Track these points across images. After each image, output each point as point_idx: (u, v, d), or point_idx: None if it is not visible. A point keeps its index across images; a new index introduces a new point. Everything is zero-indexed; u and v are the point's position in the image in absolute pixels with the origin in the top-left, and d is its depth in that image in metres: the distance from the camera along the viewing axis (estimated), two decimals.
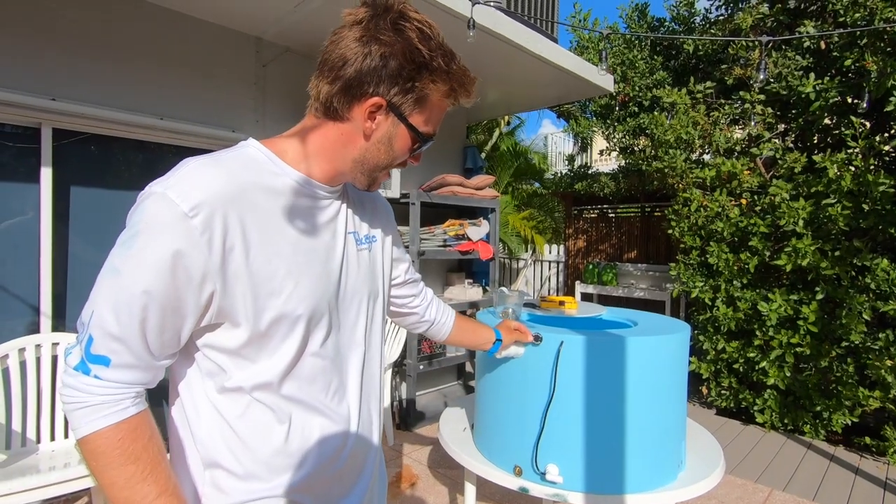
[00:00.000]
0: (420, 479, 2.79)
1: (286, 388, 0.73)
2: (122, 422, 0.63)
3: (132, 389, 0.65)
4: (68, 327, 2.47)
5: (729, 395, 3.83)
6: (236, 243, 0.66)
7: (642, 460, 1.31)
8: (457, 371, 4.32)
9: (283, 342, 0.71)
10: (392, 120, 0.72)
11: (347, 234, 0.82)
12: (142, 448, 0.63)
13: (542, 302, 1.87)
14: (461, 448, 1.54)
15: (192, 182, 0.64)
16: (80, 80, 2.41)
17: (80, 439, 0.62)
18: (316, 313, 0.74)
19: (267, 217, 0.69)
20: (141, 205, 0.64)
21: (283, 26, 2.86)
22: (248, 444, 0.72)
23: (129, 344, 0.63)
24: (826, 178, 3.20)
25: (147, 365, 0.65)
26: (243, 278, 0.67)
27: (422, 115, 0.73)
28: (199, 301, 0.65)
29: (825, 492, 2.78)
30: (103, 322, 0.62)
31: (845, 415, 3.27)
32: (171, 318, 0.64)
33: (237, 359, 0.70)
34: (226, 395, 0.71)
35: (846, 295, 3.14)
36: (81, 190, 2.55)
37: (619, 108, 5.04)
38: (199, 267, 0.63)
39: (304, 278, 0.72)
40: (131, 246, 0.62)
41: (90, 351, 0.62)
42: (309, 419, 0.75)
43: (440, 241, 3.60)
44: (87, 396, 0.62)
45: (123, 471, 0.62)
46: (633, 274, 5.74)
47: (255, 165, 0.71)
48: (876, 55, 3.09)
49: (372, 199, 0.94)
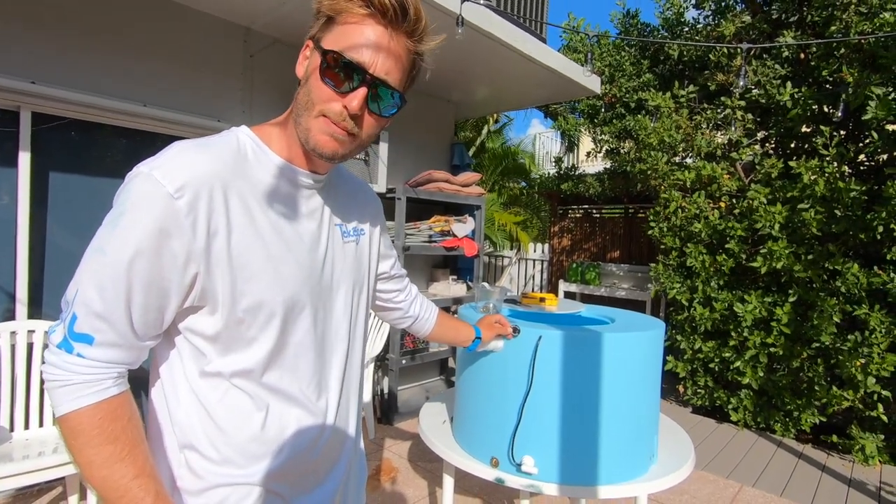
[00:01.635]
0: (400, 472, 2.81)
1: (267, 376, 0.73)
2: (102, 401, 0.63)
3: (114, 369, 0.65)
4: (45, 315, 2.43)
5: (704, 393, 3.92)
6: (220, 226, 0.66)
7: (615, 453, 1.35)
8: (439, 366, 4.34)
9: (261, 331, 0.71)
10: (312, 52, 0.71)
11: (333, 225, 0.82)
12: (121, 429, 0.63)
13: (523, 298, 1.90)
14: (440, 440, 1.57)
15: (178, 163, 0.64)
16: (62, 64, 2.37)
17: (60, 417, 0.62)
18: (297, 302, 0.74)
19: (250, 202, 0.69)
20: (127, 185, 0.64)
21: (272, 17, 2.84)
22: (224, 430, 0.72)
23: (112, 322, 0.63)
24: (801, 183, 3.29)
25: (130, 344, 0.65)
26: (224, 262, 0.66)
27: (331, 35, 0.68)
28: (182, 282, 0.65)
29: (792, 488, 2.87)
30: (87, 300, 0.62)
31: (814, 414, 3.38)
32: (156, 298, 0.64)
33: (216, 344, 0.70)
34: (205, 380, 0.71)
35: (818, 297, 3.24)
36: (61, 176, 2.51)
37: (605, 109, 5.10)
38: (184, 247, 0.63)
39: (284, 266, 0.72)
40: (116, 225, 0.62)
41: (73, 329, 0.62)
42: (287, 409, 0.75)
43: (425, 237, 3.62)
44: (69, 375, 0.62)
45: (102, 450, 0.62)
46: (616, 274, 5.83)
47: (242, 151, 0.71)
48: (852, 67, 3.19)
49: (362, 193, 0.93)
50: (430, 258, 4.16)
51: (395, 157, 3.71)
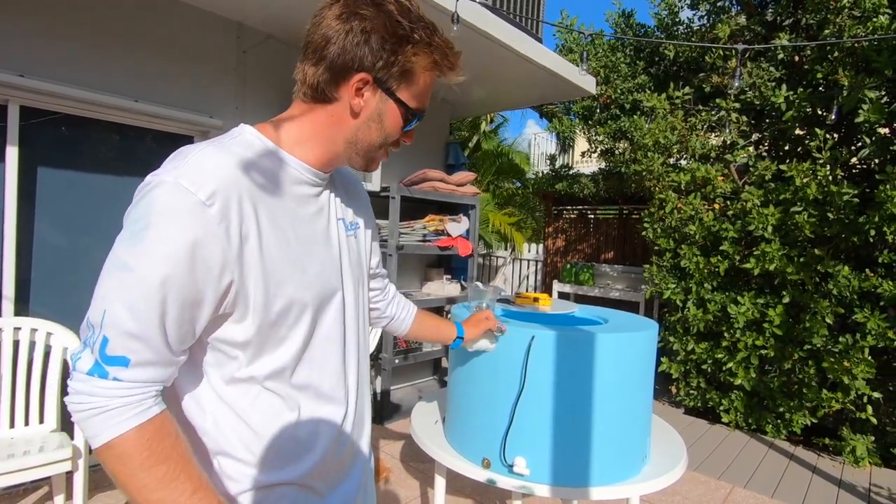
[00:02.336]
0: (392, 472, 2.80)
1: (297, 375, 0.74)
2: (146, 422, 0.60)
3: (152, 388, 0.62)
4: (32, 312, 2.40)
5: (697, 395, 3.93)
6: (251, 231, 0.65)
7: (608, 454, 1.34)
8: (432, 366, 4.33)
9: (291, 329, 0.72)
10: (380, 96, 0.72)
11: (338, 220, 0.83)
12: (170, 446, 0.61)
13: (516, 298, 1.89)
14: (432, 441, 1.55)
15: (204, 169, 0.62)
16: (52, 58, 2.34)
17: (103, 446, 0.59)
18: (323, 299, 0.75)
19: (272, 204, 0.69)
20: (149, 195, 0.61)
21: (266, 13, 2.81)
22: (258, 433, 0.71)
23: (148, 341, 0.60)
24: (793, 186, 3.31)
25: (167, 361, 0.63)
26: (257, 267, 0.66)
27: (409, 89, 0.73)
28: (217, 291, 0.64)
29: (783, 489, 2.89)
30: (119, 321, 0.59)
31: (805, 416, 3.39)
32: (190, 311, 0.63)
33: (247, 349, 0.69)
34: (234, 386, 0.70)
35: (810, 300, 3.25)
36: (50, 171, 2.47)
37: (600, 110, 5.11)
38: (218, 256, 0.62)
39: (309, 265, 0.73)
40: (143, 238, 0.59)
41: (106, 353, 0.59)
42: (317, 406, 0.76)
43: (419, 236, 3.61)
44: (105, 400, 0.59)
45: (155, 472, 0.59)
46: (610, 275, 5.84)
47: (255, 152, 0.70)
48: (846, 70, 3.21)
49: (354, 186, 0.94)
50: (424, 258, 4.15)
51: (391, 156, 3.68)
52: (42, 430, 2.11)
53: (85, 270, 2.55)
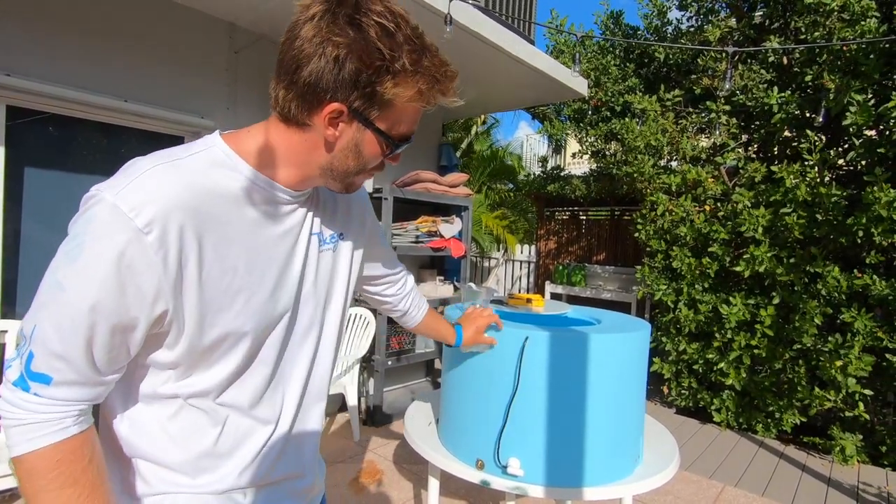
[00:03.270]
0: (385, 474, 2.78)
1: (224, 396, 0.72)
2: (60, 442, 0.59)
3: (75, 407, 0.61)
4: (18, 315, 2.36)
5: (688, 395, 3.96)
6: (191, 257, 0.62)
7: (601, 454, 1.34)
8: (425, 367, 4.32)
9: (224, 356, 0.69)
10: (356, 126, 0.66)
11: (311, 235, 0.78)
12: (80, 471, 0.60)
13: (509, 299, 1.89)
14: (425, 442, 1.55)
15: (146, 192, 0.58)
16: (40, 57, 2.31)
17: (16, 458, 0.58)
18: (267, 325, 0.72)
19: (225, 227, 0.65)
20: (88, 212, 0.58)
21: (258, 13, 2.80)
22: (176, 443, 0.70)
23: (72, 362, 0.59)
24: (783, 187, 3.34)
25: (93, 382, 0.61)
26: (194, 296, 0.63)
27: (389, 118, 0.66)
28: (150, 318, 0.61)
29: (774, 487, 2.91)
30: (45, 339, 0.58)
31: (795, 415, 3.43)
32: (121, 335, 0.61)
33: (175, 369, 0.68)
34: (158, 398, 0.69)
35: (800, 300, 3.29)
36: (37, 172, 2.44)
37: (592, 112, 5.14)
38: (153, 285, 0.59)
39: (256, 294, 0.70)
40: (76, 258, 0.57)
41: (30, 368, 0.58)
42: (241, 422, 0.74)
43: (412, 238, 3.60)
44: (25, 414, 0.58)
45: (60, 494, 0.58)
46: (602, 276, 5.87)
47: (217, 169, 0.66)
48: (834, 73, 3.25)
49: (345, 196, 0.88)
50: (417, 259, 4.14)
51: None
52: None
53: None
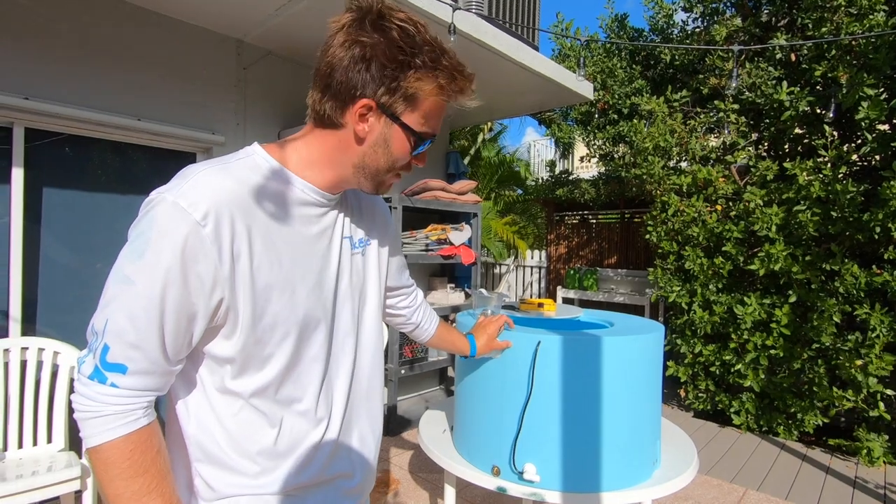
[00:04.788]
0: (401, 484, 2.77)
1: (281, 392, 0.76)
2: (133, 433, 0.64)
3: (144, 398, 0.66)
4: (39, 332, 2.41)
5: (706, 397, 3.90)
6: (242, 251, 0.68)
7: (618, 458, 1.33)
8: (438, 375, 4.31)
9: (276, 348, 0.73)
10: (384, 121, 0.72)
11: (343, 238, 0.84)
12: (150, 461, 0.65)
13: (521, 304, 1.89)
14: (440, 450, 1.54)
15: (202, 190, 0.65)
16: (55, 80, 2.37)
17: (91, 448, 0.63)
18: (311, 320, 0.77)
19: (269, 225, 0.71)
20: (151, 212, 0.65)
21: (264, 29, 2.85)
22: (237, 443, 0.74)
23: (146, 350, 0.64)
24: (796, 184, 3.30)
25: (162, 370, 0.67)
26: (247, 285, 0.69)
27: (414, 113, 0.73)
28: (209, 306, 0.67)
29: (797, 491, 2.85)
30: (120, 330, 0.63)
31: (817, 416, 3.36)
32: (185, 324, 0.66)
33: (233, 364, 0.72)
34: (222, 396, 0.74)
35: (817, 298, 3.23)
36: (55, 192, 2.50)
37: (598, 115, 5.13)
38: (210, 274, 0.65)
39: (300, 287, 0.75)
40: (143, 254, 0.63)
41: (106, 359, 0.63)
42: (298, 423, 0.78)
43: (422, 246, 3.61)
44: (101, 406, 0.63)
45: (132, 483, 0.63)
46: (614, 279, 5.82)
47: (261, 173, 0.73)
48: (845, 68, 3.21)
49: (371, 204, 0.94)
50: (427, 267, 4.15)
51: None
52: (50, 450, 2.11)
53: (90, 289, 2.57)
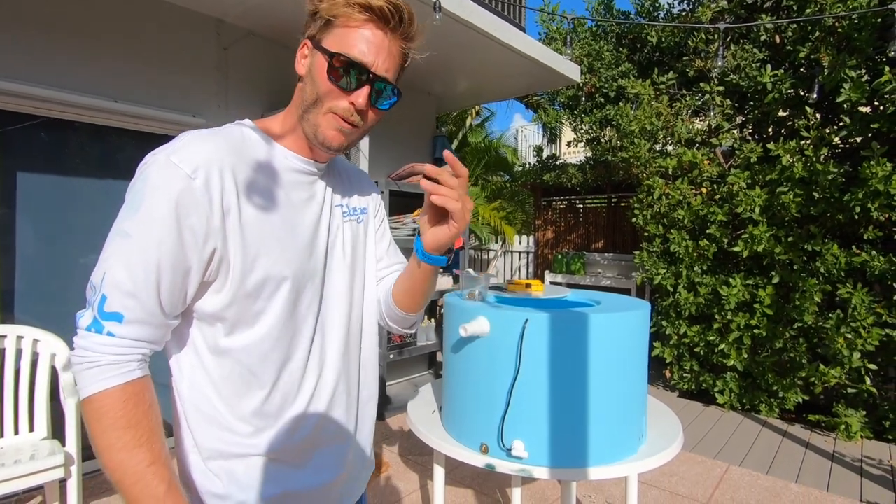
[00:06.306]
0: (391, 466, 2.79)
1: (272, 351, 0.76)
2: (127, 384, 0.65)
3: (140, 350, 0.67)
4: (17, 320, 2.35)
5: (690, 378, 3.97)
6: (231, 204, 0.70)
7: (604, 433, 1.34)
8: (427, 360, 4.33)
9: (267, 303, 0.74)
10: (311, 52, 0.76)
11: (334, 206, 0.86)
12: (143, 413, 0.66)
13: (509, 285, 1.89)
14: (429, 430, 1.55)
15: (192, 148, 0.69)
16: (28, 59, 2.29)
17: (86, 399, 0.64)
18: (302, 277, 0.78)
19: (259, 184, 0.74)
20: (145, 171, 0.68)
21: (245, 8, 2.77)
22: (228, 403, 0.75)
23: (142, 300, 0.66)
24: (780, 165, 3.34)
25: (158, 322, 0.68)
26: (237, 236, 0.70)
27: (330, 36, 0.74)
28: (202, 258, 0.69)
29: (778, 465, 2.92)
30: (117, 280, 0.65)
31: (798, 393, 3.44)
32: (181, 276, 0.68)
33: (224, 322, 0.73)
34: (214, 355, 0.74)
35: (799, 279, 3.29)
36: (30, 176, 2.42)
37: (585, 99, 5.12)
38: (203, 225, 0.67)
39: (289, 245, 0.76)
40: (138, 208, 0.66)
41: (103, 309, 0.65)
42: (290, 382, 0.78)
43: (409, 231, 3.59)
44: (97, 356, 0.64)
45: (123, 434, 0.64)
46: (601, 263, 5.87)
47: (250, 139, 0.76)
48: (827, 49, 3.23)
49: (360, 181, 0.97)
50: None
51: (377, 151, 3.66)
52: (33, 438, 2.07)
53: (69, 276, 2.51)
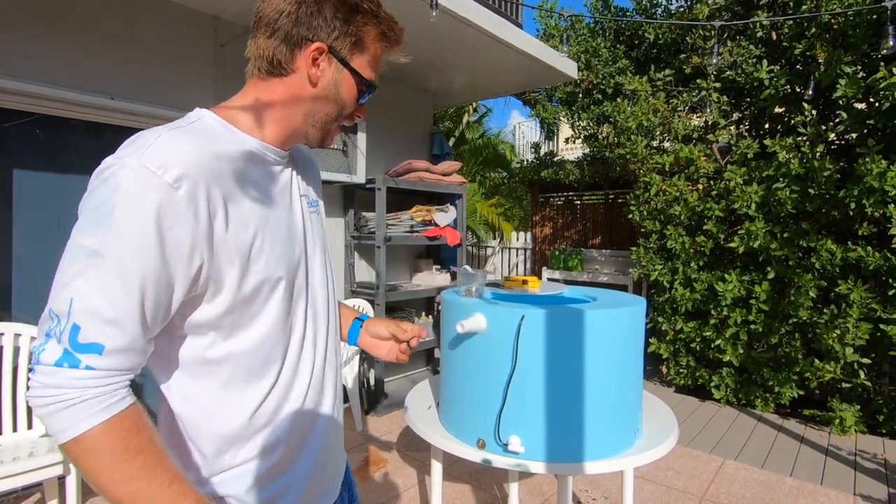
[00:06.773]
0: (389, 462, 2.80)
1: (269, 352, 0.73)
2: (121, 412, 0.59)
3: (125, 377, 0.61)
4: (14, 318, 2.35)
5: (686, 373, 3.99)
6: (218, 210, 0.65)
7: (601, 428, 1.36)
8: (425, 357, 4.34)
9: (263, 305, 0.71)
10: (335, 65, 0.73)
11: (301, 196, 0.83)
12: (146, 438, 0.60)
13: (505, 281, 1.90)
14: (426, 425, 1.56)
15: (168, 152, 0.61)
16: (23, 56, 2.28)
17: (73, 440, 0.56)
18: (294, 275, 0.76)
19: (237, 184, 0.69)
20: (111, 179, 0.59)
21: (242, 5, 2.76)
22: (227, 411, 0.71)
23: (124, 326, 0.58)
24: (776, 162, 3.35)
25: (140, 348, 0.61)
26: (226, 245, 0.66)
27: (361, 58, 0.75)
28: (188, 273, 0.63)
29: (773, 460, 2.95)
30: (91, 307, 0.57)
31: (793, 388, 3.46)
32: (164, 293, 0.61)
33: (220, 329, 0.69)
34: (205, 367, 0.70)
35: (794, 274, 3.31)
36: (26, 173, 2.42)
37: (583, 95, 5.12)
38: (189, 238, 0.61)
39: (276, 242, 0.73)
40: (107, 223, 0.57)
41: (77, 340, 0.56)
42: (287, 379, 0.76)
43: (407, 227, 3.59)
44: (77, 392, 0.56)
45: (131, 464, 0.58)
46: (598, 259, 5.88)
47: (217, 135, 0.70)
48: (823, 46, 3.24)
49: (310, 165, 0.93)
50: (412, 249, 4.14)
51: (374, 148, 3.66)
52: (31, 436, 2.08)
53: None
